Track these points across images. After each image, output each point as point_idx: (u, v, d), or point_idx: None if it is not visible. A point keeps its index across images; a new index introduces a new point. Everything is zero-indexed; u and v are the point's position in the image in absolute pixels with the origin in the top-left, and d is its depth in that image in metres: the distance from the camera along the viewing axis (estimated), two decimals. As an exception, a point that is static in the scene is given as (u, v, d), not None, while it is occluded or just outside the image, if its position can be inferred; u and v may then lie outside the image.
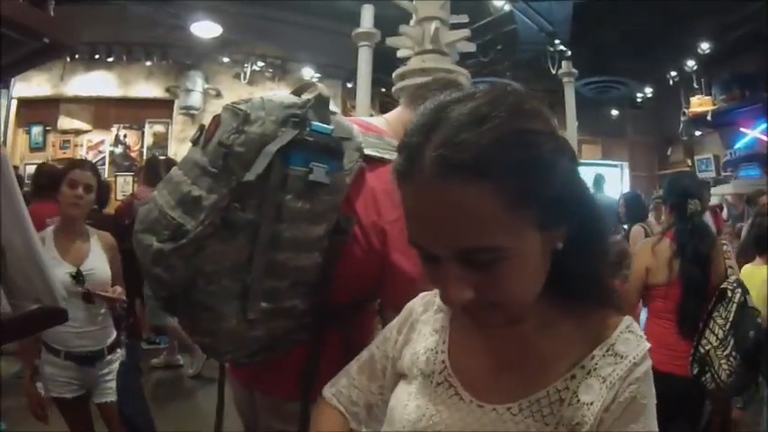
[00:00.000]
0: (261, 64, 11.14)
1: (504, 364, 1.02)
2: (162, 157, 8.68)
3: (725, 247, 3.33)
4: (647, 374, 0.95)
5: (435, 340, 1.13)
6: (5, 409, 4.47)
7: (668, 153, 15.05)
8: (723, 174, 12.33)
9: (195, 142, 1.67)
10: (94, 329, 3.18)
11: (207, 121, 1.61)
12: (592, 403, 0.92)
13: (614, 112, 14.96)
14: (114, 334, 3.34)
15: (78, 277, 3.07)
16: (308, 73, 11.22)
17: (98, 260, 3.22)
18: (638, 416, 0.93)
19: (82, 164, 3.35)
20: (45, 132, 11.09)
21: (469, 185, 0.80)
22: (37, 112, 10.97)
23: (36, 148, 11.00)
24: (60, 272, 2.96)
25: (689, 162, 14.08)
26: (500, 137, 0.81)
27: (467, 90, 0.90)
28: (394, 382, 1.19)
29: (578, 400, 0.93)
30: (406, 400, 1.09)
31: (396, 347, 1.22)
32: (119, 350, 3.38)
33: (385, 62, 3.66)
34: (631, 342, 0.96)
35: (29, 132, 11.02)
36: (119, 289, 3.16)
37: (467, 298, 0.87)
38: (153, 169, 7.26)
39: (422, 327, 1.19)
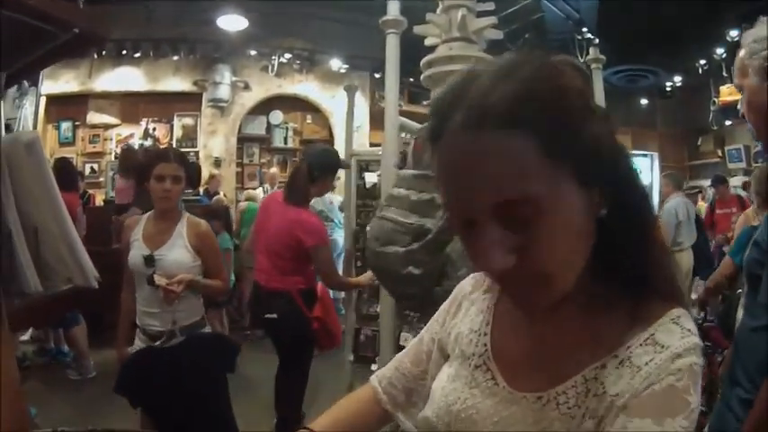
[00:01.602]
0: (288, 56, 11.12)
1: (541, 351, 1.00)
2: (136, 147, 8.76)
3: None
4: (691, 370, 0.87)
5: (480, 321, 1.13)
6: (31, 391, 4.54)
7: (698, 143, 14.86)
8: (754, 164, 12.07)
9: (401, 166, 1.77)
10: (160, 312, 3.30)
11: (236, 113, 1.67)
12: (617, 395, 0.87)
13: (644, 102, 14.79)
14: (195, 318, 3.45)
15: (148, 260, 3.26)
16: (336, 65, 11.25)
17: (175, 247, 3.33)
18: (676, 412, 0.85)
19: (166, 155, 3.38)
20: (74, 127, 11.22)
21: (503, 134, 0.80)
22: (66, 108, 11.08)
23: (65, 142, 11.13)
24: (137, 254, 3.30)
25: (719, 152, 13.89)
26: (532, 88, 0.81)
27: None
28: (438, 365, 1.19)
29: (605, 392, 0.89)
30: (445, 382, 1.10)
31: (443, 328, 1.23)
32: (204, 330, 3.52)
33: (412, 52, 3.64)
34: (675, 333, 0.90)
35: (58, 128, 11.15)
36: (181, 277, 3.21)
37: (507, 264, 0.84)
38: (127, 160, 7.42)
39: (469, 306, 1.19)
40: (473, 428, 1.00)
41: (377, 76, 11.09)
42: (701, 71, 12.04)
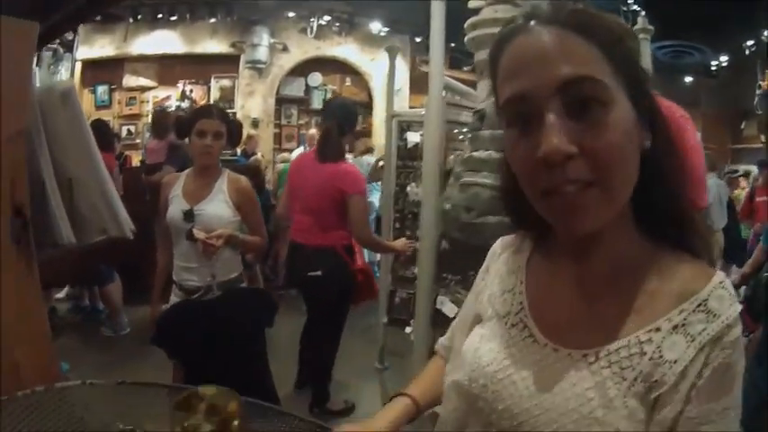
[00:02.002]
0: (327, 18, 10.99)
1: (583, 309, 0.98)
2: (172, 109, 8.74)
3: None
4: (739, 340, 0.88)
5: (513, 281, 1.11)
6: (65, 348, 4.57)
7: (742, 127, 14.42)
8: None
9: (479, 126, 1.70)
10: (199, 266, 3.29)
11: (274, 74, 1.61)
12: (675, 362, 0.86)
13: (688, 80, 14.36)
14: (234, 274, 3.43)
15: (188, 215, 3.24)
16: (376, 27, 11.12)
17: (214, 203, 3.31)
18: (731, 387, 0.88)
19: (208, 112, 3.37)
20: (110, 91, 11.26)
21: (569, 32, 0.86)
22: (101, 72, 11.12)
23: (102, 105, 11.16)
24: (176, 208, 3.28)
25: (762, 138, 13.39)
26: (591, 12, 0.89)
27: None
28: (469, 330, 1.18)
29: (661, 356, 0.88)
30: (478, 343, 1.08)
31: (477, 291, 1.22)
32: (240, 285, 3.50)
33: (454, 16, 3.53)
34: (725, 300, 0.89)
35: (94, 92, 11.19)
36: (220, 231, 3.19)
37: (566, 151, 0.83)
38: (160, 122, 7.41)
39: (500, 267, 1.17)
40: (511, 389, 0.98)
41: (417, 40, 10.93)
42: (747, 52, 11.69)
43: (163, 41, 10.93)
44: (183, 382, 3.27)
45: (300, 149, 9.38)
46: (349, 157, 6.27)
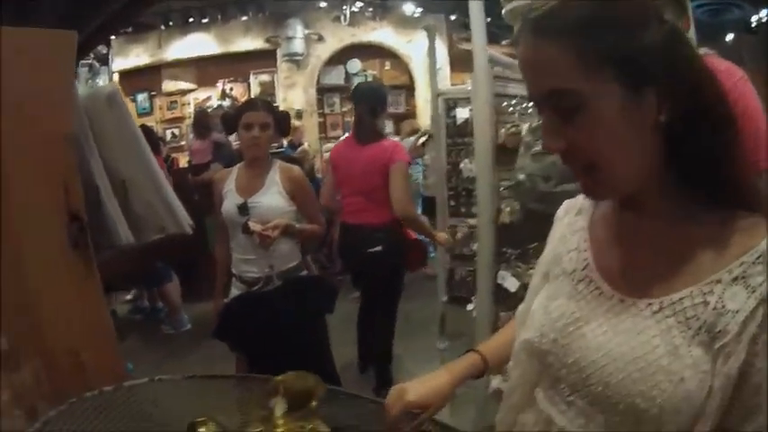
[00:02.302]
0: (360, 4, 10.86)
1: (644, 261, 1.02)
2: (209, 109, 8.74)
3: None
4: None
5: (577, 240, 1.16)
6: (128, 349, 4.62)
7: None
8: None
9: None
10: (257, 258, 3.29)
11: (312, 65, 1.59)
12: (737, 312, 0.88)
13: (729, 37, 13.93)
14: (293, 263, 3.42)
15: (242, 208, 3.25)
16: (410, 9, 10.95)
17: (268, 194, 3.30)
18: None
19: (253, 104, 3.40)
20: (150, 97, 11.33)
21: (547, 42, 0.93)
22: (139, 80, 11.17)
23: (144, 113, 11.21)
24: (230, 203, 3.30)
25: None
26: (572, 10, 0.93)
27: None
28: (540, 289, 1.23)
29: (723, 306, 0.90)
30: (547, 300, 1.14)
31: (545, 255, 1.26)
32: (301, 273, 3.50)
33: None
34: None
35: (134, 100, 11.22)
36: (276, 222, 3.18)
37: (558, 145, 0.96)
38: (201, 122, 7.41)
39: (564, 230, 1.22)
40: (581, 341, 1.03)
41: (452, 18, 10.71)
42: (788, 4, 11.25)
43: (197, 44, 10.98)
44: (247, 372, 3.31)
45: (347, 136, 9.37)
46: (396, 139, 6.38)
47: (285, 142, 8.62)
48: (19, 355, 1.64)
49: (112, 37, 10.22)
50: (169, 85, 11.28)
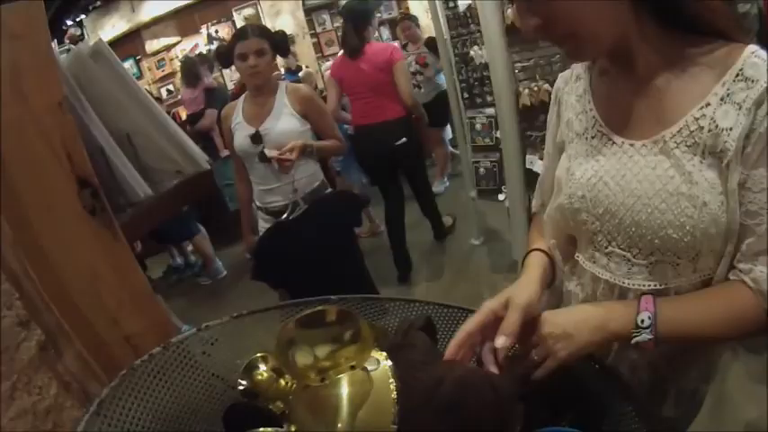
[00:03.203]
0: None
1: (643, 105, 1.10)
2: (196, 56, 8.55)
3: None
4: None
5: (582, 104, 1.24)
6: (172, 310, 4.64)
7: None
8: None
9: None
10: (280, 185, 3.24)
11: None
12: (731, 129, 0.98)
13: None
14: (316, 183, 3.37)
15: (255, 138, 3.18)
16: None
17: (279, 118, 3.22)
18: None
19: (243, 33, 3.27)
20: (137, 62, 11.15)
21: None
22: (122, 49, 10.76)
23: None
24: (241, 135, 3.22)
25: None
26: None
27: None
28: (557, 162, 1.31)
29: (717, 126, 1.00)
30: (568, 163, 1.22)
31: (554, 127, 1.34)
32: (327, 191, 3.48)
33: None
34: (760, 66, 0.98)
35: (122, 69, 11.02)
36: (292, 144, 3.10)
37: (534, 24, 1.01)
38: (189, 70, 7.28)
39: (567, 98, 1.29)
40: (605, 190, 1.13)
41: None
42: None
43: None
44: None
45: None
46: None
47: (283, 70, 8.45)
48: (58, 342, 1.57)
49: (83, 16, 10.19)
50: (153, 45, 11.08)
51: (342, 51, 4.85)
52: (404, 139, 4.69)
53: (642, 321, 1.04)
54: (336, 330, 1.05)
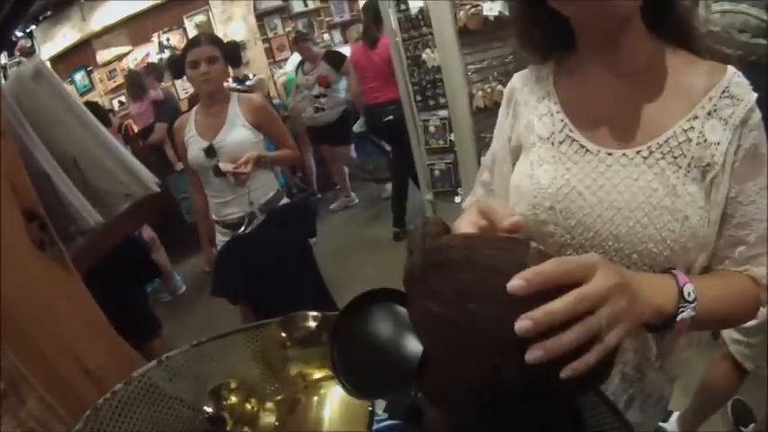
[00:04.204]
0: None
1: (623, 111, 1.07)
2: (140, 69, 8.42)
3: None
4: (761, 122, 1.02)
5: (546, 105, 1.18)
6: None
7: None
8: None
9: None
10: (235, 197, 3.24)
11: None
12: (719, 143, 1.00)
13: None
14: (271, 193, 3.35)
15: (209, 151, 3.17)
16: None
17: (232, 130, 3.20)
18: (762, 167, 1.03)
19: (195, 41, 3.27)
20: (88, 73, 10.90)
21: None
22: (73, 60, 10.73)
23: (85, 91, 10.80)
24: (195, 148, 3.20)
25: None
26: None
27: None
28: (512, 165, 1.25)
29: (705, 139, 1.01)
30: (531, 170, 1.15)
31: (503, 128, 1.29)
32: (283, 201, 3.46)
33: None
34: (744, 86, 1.03)
35: (72, 81, 10.77)
36: (247, 156, 3.11)
37: None
38: (134, 83, 7.22)
39: (527, 98, 1.23)
40: (580, 201, 1.08)
41: None
42: None
43: (122, 3, 10.44)
44: (253, 319, 3.28)
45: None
46: (346, 49, 7.46)
47: (231, 80, 8.38)
48: (19, 388, 1.52)
49: (33, 27, 9.96)
50: (104, 55, 10.82)
51: (362, 41, 6.01)
52: (391, 117, 5.77)
53: (689, 294, 0.94)
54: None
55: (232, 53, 3.30)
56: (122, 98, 10.53)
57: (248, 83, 8.33)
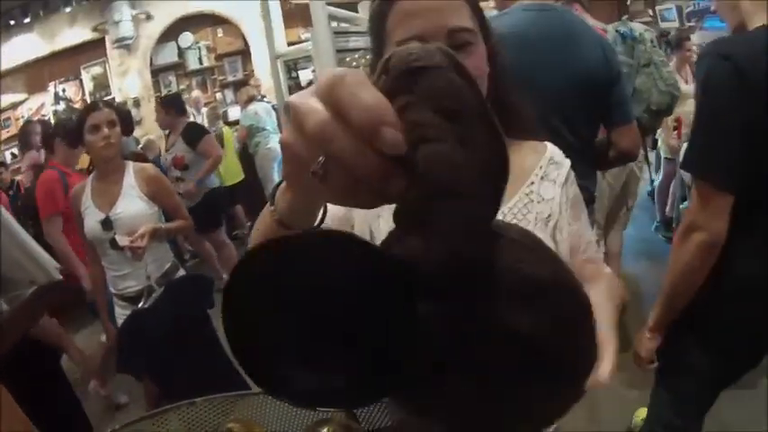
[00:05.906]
0: (182, -26, 10.42)
1: None
2: (36, 120, 8.01)
3: None
4: (575, 178, 1.35)
5: None
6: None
7: (628, 2, 14.29)
8: (687, 24, 11.56)
9: None
10: (132, 270, 3.21)
11: (144, 46, 1.50)
12: (552, 198, 1.28)
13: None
14: (167, 265, 3.36)
15: (106, 224, 3.13)
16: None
17: (127, 202, 3.18)
18: (583, 207, 1.36)
19: (94, 105, 3.28)
20: (-21, 122, 10.36)
21: None
22: (-34, 106, 10.28)
23: (-26, 139, 10.25)
24: (92, 220, 3.15)
25: (650, 12, 13.17)
26: None
27: None
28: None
29: (543, 198, 1.28)
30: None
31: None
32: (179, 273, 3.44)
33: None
34: (559, 154, 1.35)
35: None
36: (143, 230, 3.08)
37: None
38: (26, 135, 6.71)
39: None
40: None
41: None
42: None
43: (24, 47, 10.28)
44: (156, 396, 3.33)
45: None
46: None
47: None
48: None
49: None
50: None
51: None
52: None
53: None
54: None
55: (127, 120, 3.36)
56: (15, 150, 9.67)
57: (140, 147, 8.15)
